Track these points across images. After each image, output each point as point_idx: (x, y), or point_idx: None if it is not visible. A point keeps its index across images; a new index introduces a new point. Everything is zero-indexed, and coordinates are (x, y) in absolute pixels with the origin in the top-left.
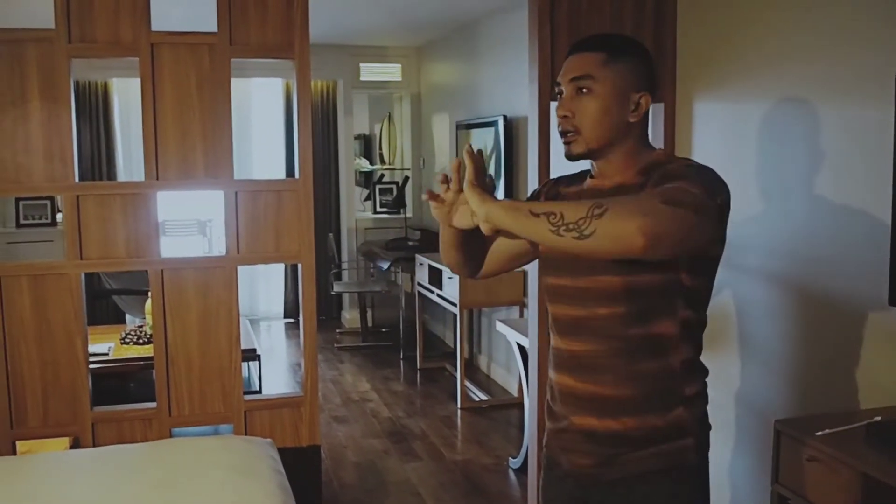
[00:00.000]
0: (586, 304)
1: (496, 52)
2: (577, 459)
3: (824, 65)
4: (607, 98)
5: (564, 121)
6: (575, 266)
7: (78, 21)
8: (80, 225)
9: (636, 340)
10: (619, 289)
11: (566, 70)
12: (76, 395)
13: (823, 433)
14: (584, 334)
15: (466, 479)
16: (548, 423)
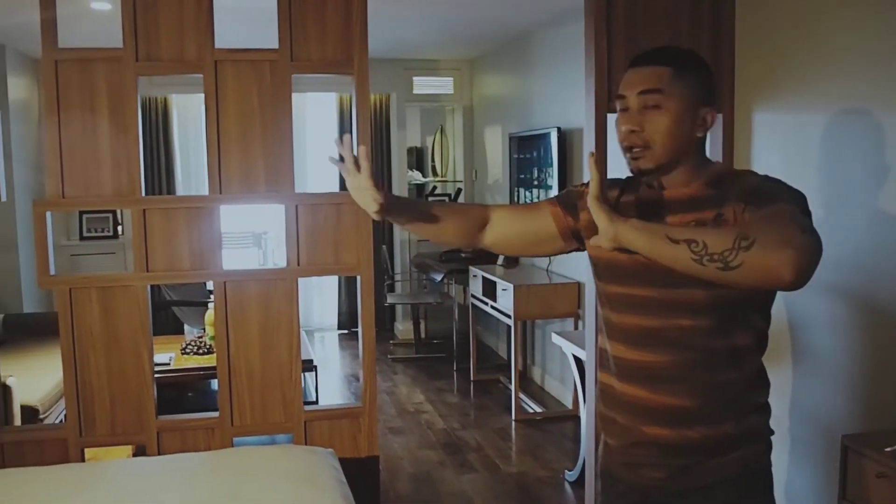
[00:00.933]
0: (665, 315)
1: (549, 64)
2: (648, 472)
3: (886, 75)
4: (677, 113)
5: (632, 135)
6: (652, 276)
7: (145, 40)
8: (146, 238)
9: (718, 352)
10: (705, 301)
11: (632, 83)
12: (142, 404)
13: (893, 449)
14: (660, 345)
15: (522, 491)
16: (607, 437)
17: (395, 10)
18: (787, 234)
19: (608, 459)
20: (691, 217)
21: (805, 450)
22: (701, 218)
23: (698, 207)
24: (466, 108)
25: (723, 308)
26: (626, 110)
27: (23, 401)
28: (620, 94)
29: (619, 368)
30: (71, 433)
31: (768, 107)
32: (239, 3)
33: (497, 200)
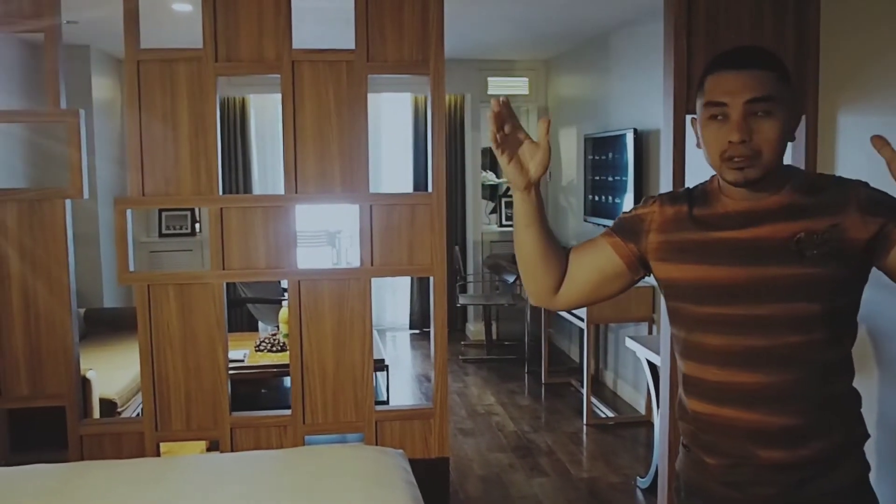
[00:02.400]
0: (773, 334)
1: (626, 64)
2: (758, 490)
3: None
4: (785, 120)
5: (741, 146)
6: (754, 293)
7: (224, 41)
8: (223, 236)
9: (828, 365)
10: (817, 315)
11: (735, 89)
12: (217, 400)
13: None
14: (767, 365)
15: (593, 496)
16: (705, 457)
17: (470, 10)
18: None
19: (705, 478)
20: (800, 227)
21: (893, 464)
22: (810, 227)
23: (801, 216)
24: (541, 108)
25: (833, 319)
26: (725, 118)
27: (101, 394)
28: (717, 102)
29: (719, 392)
30: (147, 427)
31: (854, 108)
32: (318, 4)
33: (571, 202)
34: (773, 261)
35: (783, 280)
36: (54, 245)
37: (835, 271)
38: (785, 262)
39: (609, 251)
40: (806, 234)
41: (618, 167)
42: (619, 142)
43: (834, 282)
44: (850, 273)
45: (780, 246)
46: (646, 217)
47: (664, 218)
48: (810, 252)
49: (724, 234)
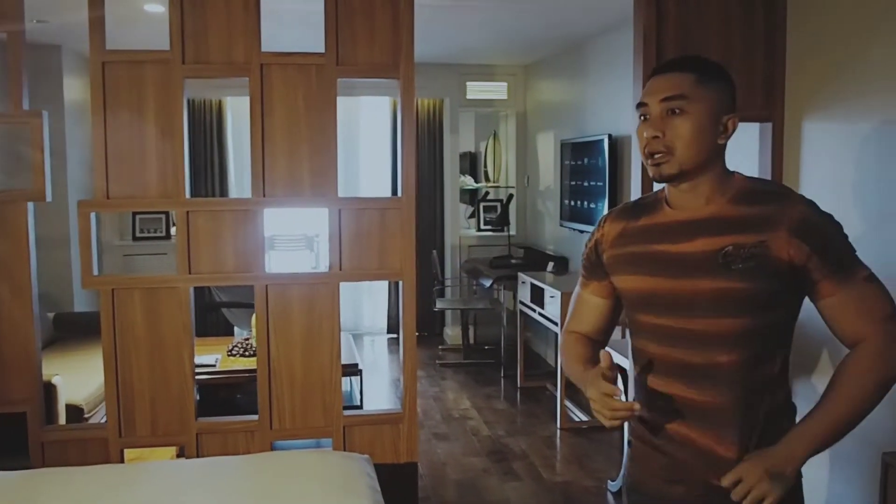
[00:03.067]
0: (701, 349)
1: (603, 71)
2: (694, 490)
3: None
4: (701, 118)
5: (655, 141)
6: (684, 305)
7: (192, 43)
8: (189, 240)
9: (765, 382)
10: (747, 330)
11: (654, 90)
12: (183, 405)
13: None
14: (697, 381)
15: (566, 500)
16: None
17: (450, 15)
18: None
19: (646, 474)
20: (729, 240)
21: (847, 466)
22: (739, 242)
23: (733, 230)
24: (520, 113)
25: (764, 334)
26: (648, 118)
27: (68, 400)
28: (642, 103)
29: (659, 401)
30: (111, 433)
31: (819, 115)
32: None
33: (548, 207)
34: (702, 273)
35: (710, 293)
36: (16, 248)
37: (762, 286)
38: (712, 275)
39: (594, 300)
40: (734, 248)
41: (594, 172)
42: (595, 147)
43: (761, 296)
44: (781, 288)
45: (708, 259)
46: (599, 242)
47: (613, 235)
48: (736, 266)
49: (663, 247)
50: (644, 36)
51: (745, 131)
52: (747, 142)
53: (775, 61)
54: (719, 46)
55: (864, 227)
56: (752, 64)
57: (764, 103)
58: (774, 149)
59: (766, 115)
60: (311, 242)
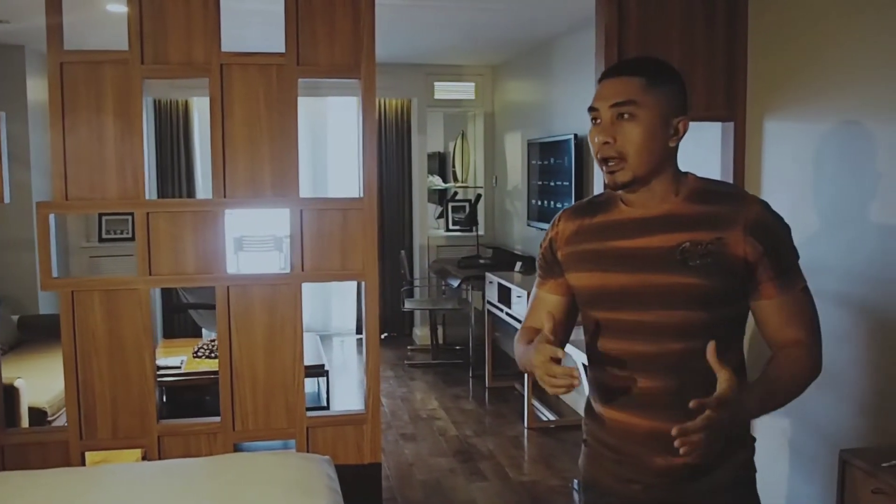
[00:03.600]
0: (657, 340)
1: (569, 70)
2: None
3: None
4: (651, 123)
5: (606, 147)
6: (641, 299)
7: (151, 43)
8: (149, 241)
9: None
10: (702, 323)
11: (604, 94)
12: (144, 408)
13: (890, 464)
14: (653, 371)
15: (532, 500)
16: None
17: (417, 15)
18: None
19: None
20: (685, 237)
21: (808, 462)
22: (696, 238)
23: (690, 227)
24: (488, 113)
25: (718, 328)
26: (599, 122)
27: (31, 402)
28: (592, 107)
29: (618, 396)
30: (72, 436)
31: (781, 115)
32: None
33: (516, 206)
34: (659, 269)
35: (667, 288)
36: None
37: (718, 282)
38: (669, 271)
39: (550, 297)
40: (691, 244)
41: (560, 172)
42: (562, 147)
43: (717, 292)
44: (737, 285)
45: (665, 255)
46: (554, 240)
47: (568, 233)
48: (693, 262)
49: (619, 243)
50: (605, 36)
51: (708, 130)
52: (711, 141)
53: (736, 61)
54: (681, 46)
55: (823, 224)
56: (713, 64)
57: (725, 103)
58: (736, 148)
59: (727, 114)
60: (279, 243)
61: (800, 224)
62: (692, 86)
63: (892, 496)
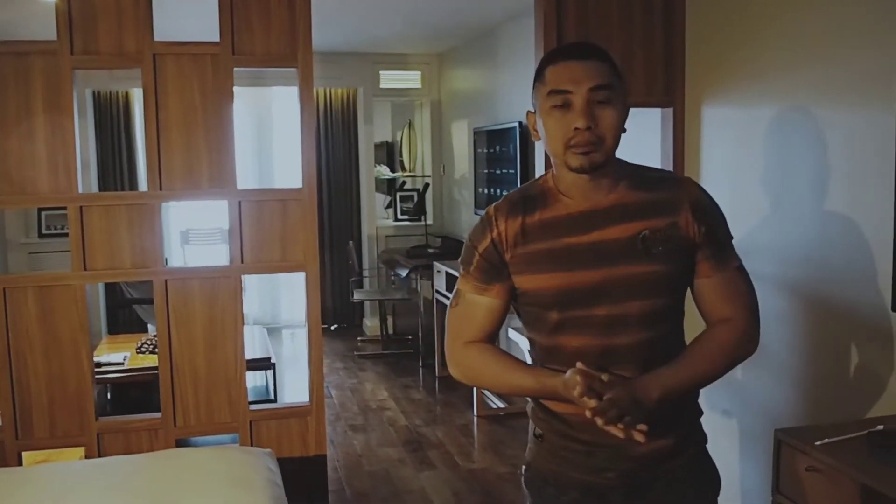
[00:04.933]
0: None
1: (514, 58)
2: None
3: (833, 69)
4: (622, 108)
5: (586, 133)
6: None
7: (81, 32)
8: (83, 236)
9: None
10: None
11: (579, 77)
12: (82, 406)
13: (823, 442)
14: (623, 362)
15: (481, 487)
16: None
17: (360, 3)
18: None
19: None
20: (642, 226)
21: (753, 444)
22: (653, 226)
23: (643, 215)
24: (434, 102)
25: (674, 314)
26: (568, 106)
27: None
28: (562, 90)
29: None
30: (7, 436)
31: (718, 100)
32: None
33: (464, 195)
34: (624, 260)
35: (635, 278)
36: None
37: (675, 267)
38: (634, 261)
39: (495, 303)
40: (650, 232)
41: (506, 160)
42: (507, 135)
43: (675, 277)
44: (685, 269)
45: (627, 245)
46: (498, 242)
47: (512, 233)
48: (655, 249)
49: (574, 240)
50: (545, 23)
51: (647, 116)
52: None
53: (674, 46)
54: (619, 32)
55: (762, 208)
56: (652, 49)
57: (664, 89)
58: (676, 134)
59: (666, 100)
60: (226, 236)
61: (738, 208)
62: (631, 72)
63: (825, 473)
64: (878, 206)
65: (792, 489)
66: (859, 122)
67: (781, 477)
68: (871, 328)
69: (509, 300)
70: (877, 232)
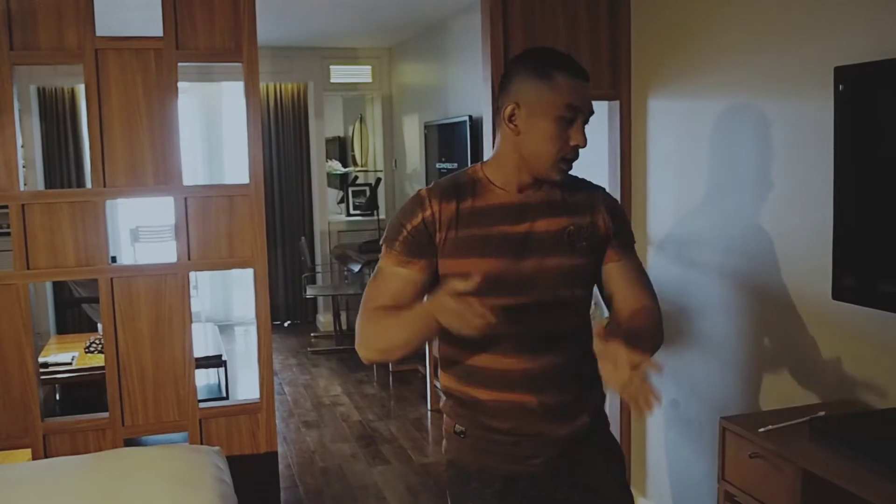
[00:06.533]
0: (554, 319)
1: (463, 52)
2: (537, 461)
3: (771, 59)
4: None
5: (577, 151)
6: (537, 282)
7: (21, 27)
8: (26, 234)
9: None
10: (584, 300)
11: (587, 101)
12: (27, 407)
13: (766, 429)
14: (548, 349)
15: (434, 481)
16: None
17: None
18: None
19: (485, 458)
20: (567, 221)
21: (702, 433)
22: (577, 222)
23: (568, 212)
24: (385, 96)
25: (588, 304)
26: (571, 122)
27: None
28: (577, 106)
29: (507, 379)
30: None
31: (663, 92)
32: None
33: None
34: (550, 252)
35: (560, 269)
36: None
37: (594, 261)
38: (560, 253)
39: (418, 277)
40: (575, 228)
41: (456, 154)
42: (457, 129)
43: (592, 270)
44: (599, 263)
45: (554, 238)
46: (430, 222)
47: (447, 216)
48: (579, 244)
49: (506, 228)
50: (490, 16)
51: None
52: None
53: (620, 39)
54: (565, 26)
55: (705, 199)
56: (597, 42)
57: (610, 82)
58: (623, 126)
59: (612, 93)
60: None
61: (683, 198)
62: None
63: (768, 459)
64: (819, 195)
65: (737, 476)
66: (800, 113)
67: (727, 464)
68: (814, 316)
69: (429, 278)
70: (818, 222)
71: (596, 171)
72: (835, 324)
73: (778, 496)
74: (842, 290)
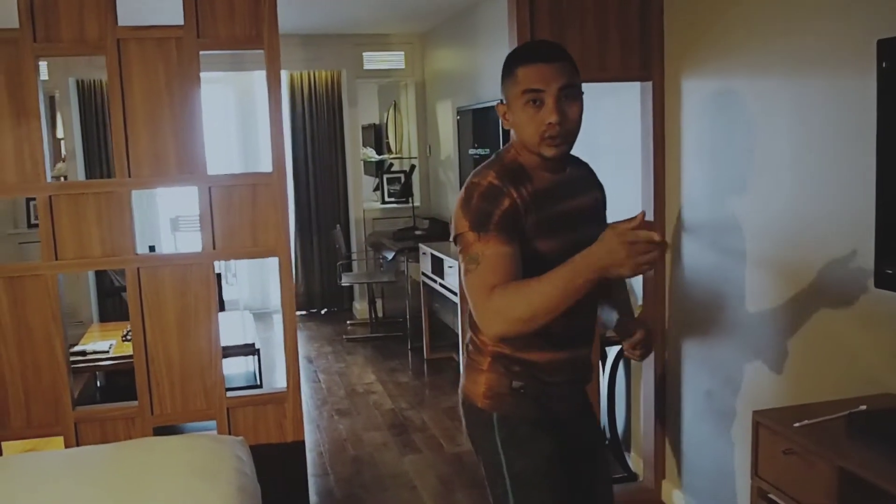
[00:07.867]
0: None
1: (493, 35)
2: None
3: (808, 35)
4: (581, 101)
5: (558, 126)
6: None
7: (43, 19)
8: (53, 225)
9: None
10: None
11: (550, 78)
12: (58, 395)
13: (801, 424)
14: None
15: (463, 470)
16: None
17: None
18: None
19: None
20: (594, 195)
21: (736, 424)
22: (596, 196)
23: (589, 187)
24: (419, 83)
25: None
26: (541, 103)
27: None
28: (535, 89)
29: (562, 339)
30: None
31: (697, 72)
32: None
33: (449, 176)
34: (591, 223)
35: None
36: None
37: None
38: (597, 224)
39: (518, 253)
40: (601, 200)
41: (489, 139)
42: (490, 114)
43: None
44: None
45: (592, 210)
46: (517, 206)
47: (523, 200)
48: (603, 213)
49: (566, 206)
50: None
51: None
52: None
53: (652, 20)
54: (595, 8)
55: (740, 182)
56: (628, 24)
57: (641, 63)
58: (655, 109)
59: (645, 74)
60: None
61: (718, 183)
62: (607, 45)
63: (802, 456)
64: (860, 178)
65: (770, 472)
66: (840, 91)
67: (760, 459)
68: (855, 305)
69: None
70: (859, 206)
71: (629, 156)
72: (877, 313)
73: (813, 495)
74: (885, 278)
